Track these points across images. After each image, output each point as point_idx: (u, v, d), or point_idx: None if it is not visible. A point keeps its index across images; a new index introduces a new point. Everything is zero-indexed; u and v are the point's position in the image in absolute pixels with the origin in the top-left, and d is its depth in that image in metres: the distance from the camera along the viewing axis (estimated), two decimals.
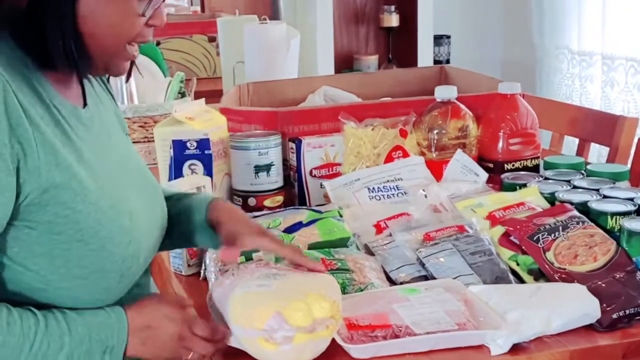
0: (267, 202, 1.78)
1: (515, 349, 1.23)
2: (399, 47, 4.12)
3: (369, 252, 1.54)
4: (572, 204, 1.57)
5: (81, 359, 1.14)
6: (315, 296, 1.19)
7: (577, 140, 2.44)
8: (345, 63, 4.09)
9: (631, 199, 1.55)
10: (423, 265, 1.46)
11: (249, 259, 1.45)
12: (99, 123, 1.29)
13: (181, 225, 1.42)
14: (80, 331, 1.14)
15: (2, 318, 1.10)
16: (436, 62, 4.15)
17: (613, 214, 1.51)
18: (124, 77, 1.30)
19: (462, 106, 1.91)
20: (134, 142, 2.43)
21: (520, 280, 1.44)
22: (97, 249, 1.17)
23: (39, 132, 1.12)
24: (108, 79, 1.41)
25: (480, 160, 1.90)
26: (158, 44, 3.64)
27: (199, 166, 1.73)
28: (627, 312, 1.31)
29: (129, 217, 1.23)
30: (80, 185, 1.16)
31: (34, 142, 1.11)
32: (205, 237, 1.41)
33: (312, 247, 1.50)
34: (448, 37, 4.29)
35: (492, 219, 1.55)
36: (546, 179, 1.74)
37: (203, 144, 1.72)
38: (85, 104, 1.27)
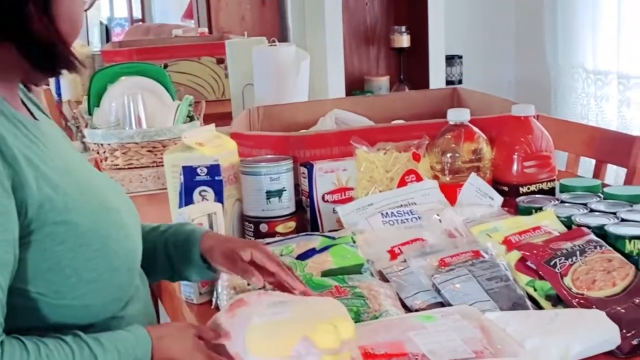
0: (279, 228, 1.76)
1: None
2: (410, 67, 4.10)
3: (384, 278, 1.52)
4: (589, 227, 1.55)
5: None
6: (339, 318, 1.19)
7: (593, 161, 2.41)
8: (356, 84, 4.07)
9: None
10: (439, 291, 1.43)
11: None
12: (52, 133, 1.29)
13: (171, 258, 1.44)
14: (109, 347, 1.15)
15: (41, 355, 1.09)
16: (448, 82, 4.13)
17: (631, 238, 1.48)
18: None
19: (476, 129, 1.89)
20: (142, 167, 2.45)
21: (538, 307, 1.41)
22: (101, 248, 1.18)
23: (18, 150, 1.12)
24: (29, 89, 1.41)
25: (495, 184, 1.88)
26: (166, 66, 3.62)
27: (210, 192, 1.70)
28: None
29: (116, 212, 1.25)
30: (67, 192, 1.16)
31: (20, 159, 1.11)
32: (196, 270, 1.43)
33: (326, 274, 1.48)
34: (460, 57, 4.27)
35: (508, 244, 1.53)
36: (562, 202, 1.72)
37: (213, 169, 1.70)
38: (35, 118, 1.28)
